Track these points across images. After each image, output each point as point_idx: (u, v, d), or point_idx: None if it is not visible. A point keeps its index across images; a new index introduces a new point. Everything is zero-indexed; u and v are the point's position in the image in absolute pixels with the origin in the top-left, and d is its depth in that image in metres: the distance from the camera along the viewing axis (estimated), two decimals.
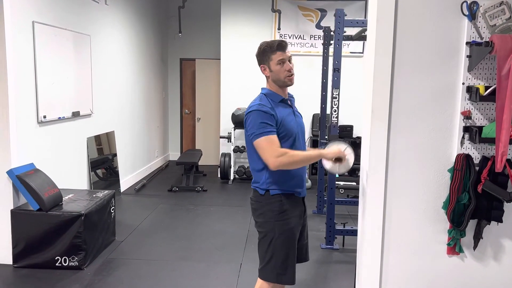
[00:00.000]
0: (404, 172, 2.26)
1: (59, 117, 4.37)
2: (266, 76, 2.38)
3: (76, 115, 4.71)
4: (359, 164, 2.50)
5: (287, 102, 2.38)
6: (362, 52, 7.07)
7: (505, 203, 2.18)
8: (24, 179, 3.55)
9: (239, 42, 7.25)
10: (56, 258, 3.58)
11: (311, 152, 2.32)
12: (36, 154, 3.95)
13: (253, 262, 3.82)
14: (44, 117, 4.07)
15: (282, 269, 2.32)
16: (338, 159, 2.27)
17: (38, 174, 3.73)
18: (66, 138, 4.56)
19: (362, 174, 2.40)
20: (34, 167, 3.80)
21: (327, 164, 2.32)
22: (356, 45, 7.02)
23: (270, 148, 2.19)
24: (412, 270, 2.32)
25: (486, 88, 2.11)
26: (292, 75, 2.31)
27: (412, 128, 2.23)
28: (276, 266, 2.32)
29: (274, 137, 2.21)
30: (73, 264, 3.59)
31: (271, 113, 2.24)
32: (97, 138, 5.39)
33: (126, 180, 6.34)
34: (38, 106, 3.98)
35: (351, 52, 7.00)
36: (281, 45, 2.29)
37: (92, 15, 5.15)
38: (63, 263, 3.58)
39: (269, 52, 2.31)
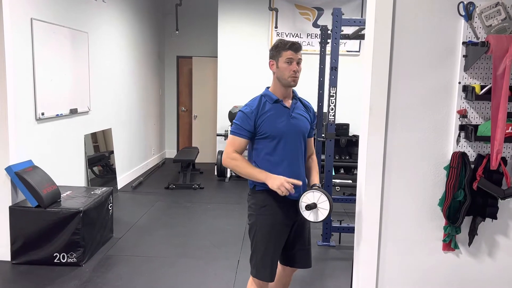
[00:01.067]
0: (401, 169, 2.29)
1: (57, 114, 4.38)
2: (272, 72, 2.42)
3: (73, 112, 4.72)
4: (356, 162, 2.53)
5: (282, 103, 2.39)
6: (359, 51, 7.12)
7: (499, 200, 2.22)
8: (22, 176, 3.56)
9: (236, 40, 7.26)
10: (54, 255, 3.59)
11: (257, 174, 2.29)
12: (34, 151, 3.96)
13: None
14: (42, 114, 4.08)
15: (260, 265, 2.37)
16: (310, 207, 2.25)
17: (36, 171, 3.74)
18: (63, 135, 4.57)
19: (360, 171, 2.43)
20: (33, 164, 3.81)
21: (304, 214, 2.29)
22: (352, 44, 7.06)
23: (228, 147, 2.37)
24: (408, 266, 2.35)
25: (482, 87, 2.14)
26: (296, 77, 2.34)
27: (409, 126, 2.26)
28: (256, 260, 2.38)
29: (237, 139, 2.36)
30: (71, 260, 3.60)
31: (249, 116, 2.34)
32: (94, 135, 5.40)
33: (123, 178, 6.35)
34: (36, 103, 3.99)
35: (347, 51, 7.05)
36: (294, 46, 2.33)
37: (89, 13, 5.15)
38: (62, 260, 3.60)
39: (281, 49, 2.34)
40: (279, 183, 2.21)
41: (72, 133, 4.77)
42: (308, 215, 2.28)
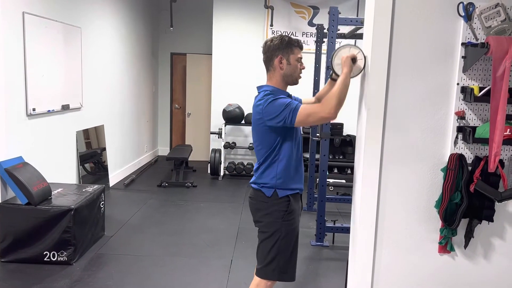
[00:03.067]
0: (398, 170, 2.27)
1: (49, 110, 4.31)
2: (278, 68, 2.31)
3: (65, 108, 4.65)
4: (352, 162, 2.51)
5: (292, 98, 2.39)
6: None
7: (496, 203, 2.20)
8: (12, 173, 3.49)
9: (231, 37, 7.22)
10: (44, 253, 3.53)
11: (340, 80, 2.21)
12: (25, 147, 3.90)
13: (244, 258, 3.82)
14: (34, 109, 4.01)
15: (285, 268, 2.34)
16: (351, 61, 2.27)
17: (27, 168, 3.67)
18: (55, 132, 4.50)
19: (356, 171, 2.41)
20: (23, 160, 3.75)
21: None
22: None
23: (313, 109, 2.18)
24: (404, 268, 2.34)
25: (481, 89, 2.12)
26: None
27: (407, 127, 2.24)
28: (279, 265, 2.33)
29: (299, 105, 2.20)
30: (62, 259, 3.55)
31: (287, 96, 2.29)
32: (86, 132, 5.33)
33: (115, 175, 6.28)
34: (28, 98, 3.92)
35: None
36: (302, 45, 2.33)
37: (83, 7, 5.08)
38: (52, 258, 3.54)
39: (293, 46, 2.28)
40: (348, 59, 2.23)
41: (64, 129, 4.70)
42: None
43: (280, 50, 2.29)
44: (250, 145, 7.18)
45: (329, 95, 2.19)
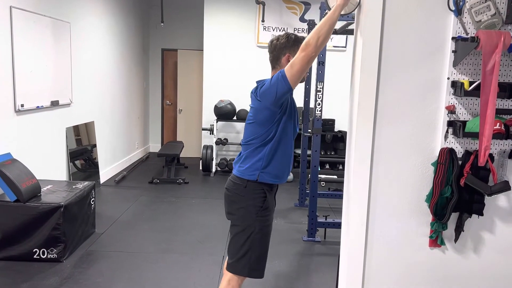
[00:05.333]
0: (389, 165, 2.27)
1: (38, 106, 4.26)
2: (283, 66, 2.32)
3: (55, 104, 4.60)
4: (343, 158, 2.51)
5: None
6: (345, 47, 7.11)
7: (486, 197, 2.22)
8: (0, 169, 3.45)
9: (222, 33, 7.19)
10: (34, 251, 3.50)
11: (327, 15, 2.16)
12: (13, 144, 3.85)
13: None
14: (22, 105, 3.96)
15: (255, 264, 2.33)
16: None
17: (15, 165, 3.63)
18: (44, 128, 4.45)
19: (347, 166, 2.41)
20: (11, 157, 3.70)
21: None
22: (339, 40, 7.05)
23: (294, 58, 2.14)
24: (394, 262, 2.34)
25: (471, 83, 2.12)
26: None
27: (397, 122, 2.24)
28: (250, 261, 2.33)
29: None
30: (51, 256, 3.51)
31: None
32: (77, 128, 5.28)
33: (106, 172, 6.24)
34: (16, 94, 3.87)
35: (334, 46, 7.03)
36: None
37: (72, 2, 5.02)
38: (41, 256, 3.51)
39: (300, 43, 2.26)
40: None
41: (53, 125, 4.65)
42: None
43: (287, 49, 2.31)
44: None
45: (315, 30, 2.14)
